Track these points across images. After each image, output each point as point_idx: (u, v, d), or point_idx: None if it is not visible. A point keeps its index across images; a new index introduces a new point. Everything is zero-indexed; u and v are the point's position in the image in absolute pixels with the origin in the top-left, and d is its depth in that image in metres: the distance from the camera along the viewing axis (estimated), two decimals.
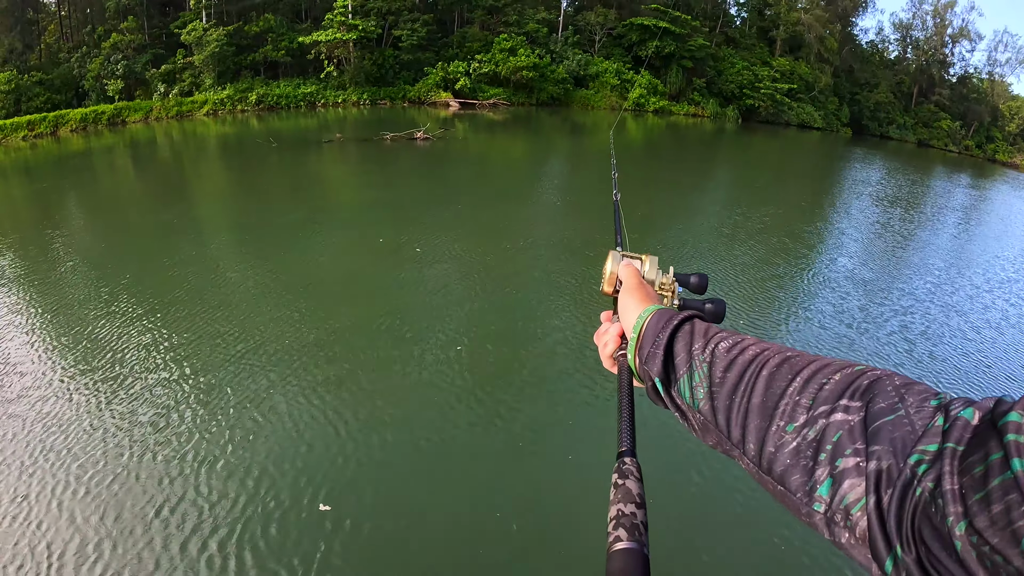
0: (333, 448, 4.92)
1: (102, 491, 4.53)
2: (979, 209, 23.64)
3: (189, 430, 5.21)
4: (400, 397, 5.64)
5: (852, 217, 16.68)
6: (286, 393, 5.66)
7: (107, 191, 16.97)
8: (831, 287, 9.76)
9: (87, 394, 5.77)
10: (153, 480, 4.65)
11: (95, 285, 8.58)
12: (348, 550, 4.03)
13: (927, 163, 40.21)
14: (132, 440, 5.06)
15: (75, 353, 6.62)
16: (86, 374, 6.13)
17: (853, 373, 0.55)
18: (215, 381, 5.89)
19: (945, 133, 61.62)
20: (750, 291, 9.34)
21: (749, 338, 0.70)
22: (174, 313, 7.33)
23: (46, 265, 9.49)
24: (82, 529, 4.19)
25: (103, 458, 4.92)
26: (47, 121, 35.25)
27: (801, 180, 24.41)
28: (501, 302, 7.89)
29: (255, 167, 20.38)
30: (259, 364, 6.22)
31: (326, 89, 36.39)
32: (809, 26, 51.64)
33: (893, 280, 10.60)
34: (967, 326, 8.84)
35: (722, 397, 0.64)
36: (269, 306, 7.61)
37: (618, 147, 30.04)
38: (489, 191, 16.18)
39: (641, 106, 41.81)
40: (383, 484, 4.60)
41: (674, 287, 0.99)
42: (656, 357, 0.74)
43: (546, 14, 41.04)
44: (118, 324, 7.01)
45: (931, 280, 10.91)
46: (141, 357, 6.32)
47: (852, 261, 11.53)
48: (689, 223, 13.29)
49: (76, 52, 40.23)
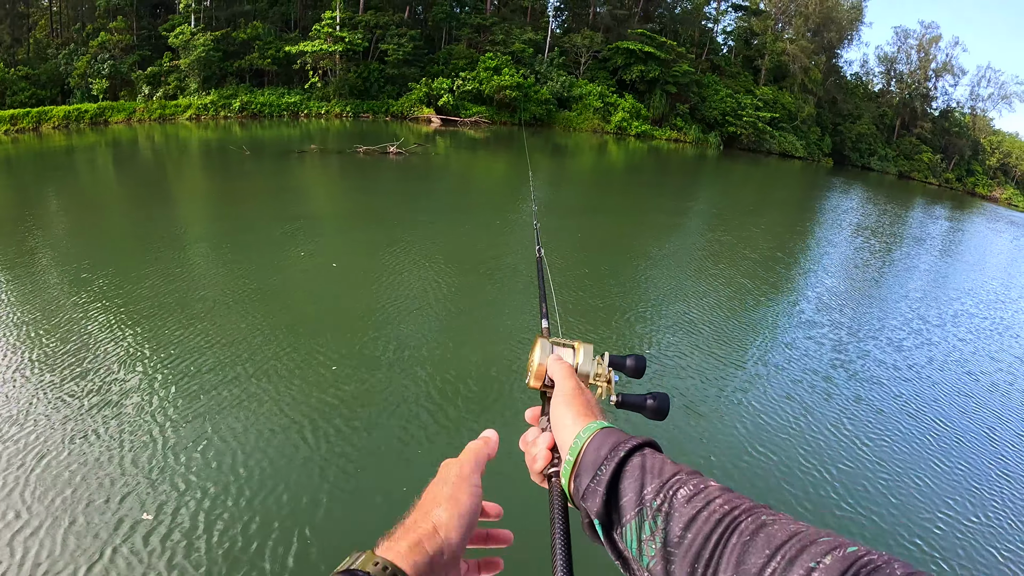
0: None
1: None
2: (952, 240, 24.26)
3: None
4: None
5: (821, 249, 16.90)
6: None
7: (63, 191, 17.06)
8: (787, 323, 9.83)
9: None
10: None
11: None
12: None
13: (906, 195, 41.04)
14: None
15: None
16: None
17: (846, 558, 0.47)
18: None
19: (926, 165, 62.89)
20: (720, 321, 9.44)
21: (712, 484, 0.61)
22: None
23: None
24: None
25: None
26: (30, 116, 35.23)
27: (779, 208, 24.89)
28: (415, 328, 7.98)
29: (220, 174, 20.60)
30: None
31: (310, 100, 36.65)
32: (794, 56, 52.66)
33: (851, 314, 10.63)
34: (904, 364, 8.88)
35: (680, 562, 0.55)
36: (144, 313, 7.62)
37: (599, 170, 30.39)
38: (447, 208, 16.38)
39: (623, 129, 42.39)
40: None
41: (610, 376, 0.90)
42: (596, 494, 0.64)
43: (533, 35, 41.63)
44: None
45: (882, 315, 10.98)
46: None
47: (812, 299, 11.48)
48: (658, 257, 13.38)
49: (64, 49, 40.25)
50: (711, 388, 7.15)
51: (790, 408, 7.06)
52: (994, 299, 14.22)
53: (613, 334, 8.40)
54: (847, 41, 59.06)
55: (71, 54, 39.34)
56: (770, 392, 7.36)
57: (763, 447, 6.11)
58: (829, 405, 7.22)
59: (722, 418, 6.61)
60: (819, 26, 54.23)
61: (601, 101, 42.23)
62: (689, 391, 7.04)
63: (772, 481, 5.58)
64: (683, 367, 7.69)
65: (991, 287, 15.67)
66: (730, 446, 6.11)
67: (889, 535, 5.02)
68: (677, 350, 8.19)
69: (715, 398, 6.98)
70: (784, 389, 7.57)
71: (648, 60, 42.42)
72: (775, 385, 7.61)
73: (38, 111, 35.49)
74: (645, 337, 8.54)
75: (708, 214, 21.16)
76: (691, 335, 8.56)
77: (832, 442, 6.29)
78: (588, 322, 8.60)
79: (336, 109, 36.63)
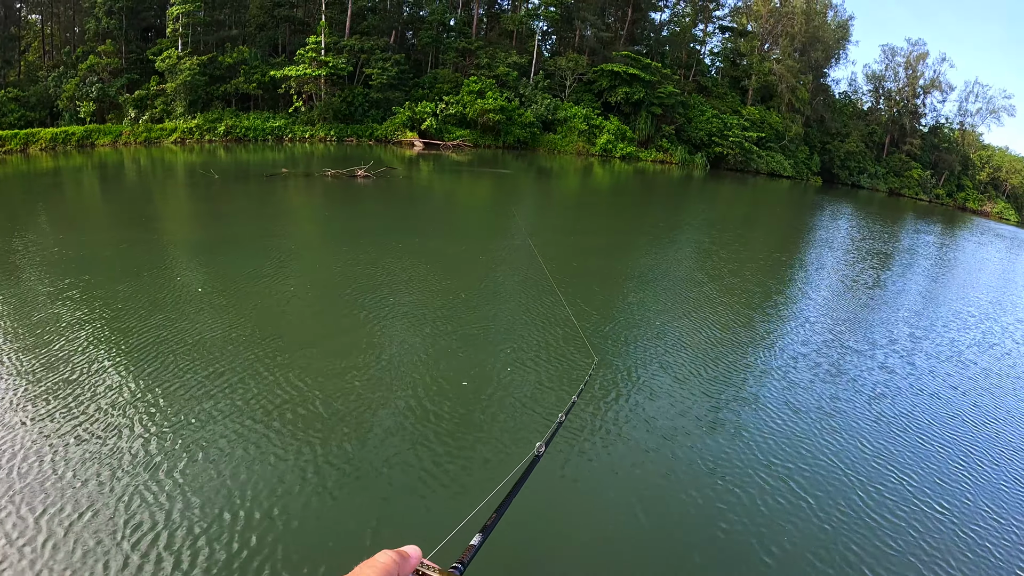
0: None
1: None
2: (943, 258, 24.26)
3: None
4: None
5: (808, 271, 16.77)
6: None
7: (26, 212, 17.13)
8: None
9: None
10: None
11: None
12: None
13: (896, 212, 41.01)
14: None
15: None
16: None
17: None
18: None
19: (916, 182, 63.14)
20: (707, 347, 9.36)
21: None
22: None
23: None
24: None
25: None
26: (18, 138, 35.53)
27: (765, 227, 24.80)
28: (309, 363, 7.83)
29: (182, 197, 20.96)
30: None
31: (295, 124, 36.89)
32: (781, 76, 53.06)
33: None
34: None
35: None
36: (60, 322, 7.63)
37: (586, 191, 30.34)
38: (400, 232, 16.28)
39: (608, 152, 42.59)
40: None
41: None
42: None
43: (518, 58, 41.94)
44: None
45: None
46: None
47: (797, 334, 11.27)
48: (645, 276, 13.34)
49: (54, 71, 40.61)
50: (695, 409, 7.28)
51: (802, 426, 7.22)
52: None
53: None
54: (834, 60, 59.57)
55: (60, 76, 39.70)
56: (779, 412, 7.53)
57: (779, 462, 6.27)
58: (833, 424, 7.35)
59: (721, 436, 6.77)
60: (805, 45, 54.67)
61: (586, 123, 42.48)
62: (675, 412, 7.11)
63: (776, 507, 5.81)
64: (670, 390, 7.85)
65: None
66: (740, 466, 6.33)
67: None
68: (671, 373, 8.31)
69: (703, 419, 7.10)
70: (787, 407, 7.78)
71: (633, 82, 42.72)
72: (774, 406, 7.79)
73: (26, 133, 35.81)
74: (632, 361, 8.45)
75: (696, 234, 21.22)
76: (680, 362, 8.46)
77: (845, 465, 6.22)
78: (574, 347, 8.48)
79: (320, 133, 36.85)
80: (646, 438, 6.75)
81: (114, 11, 38.69)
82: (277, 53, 40.84)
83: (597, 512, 5.53)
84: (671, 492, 5.84)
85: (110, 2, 38.33)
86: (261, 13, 41.17)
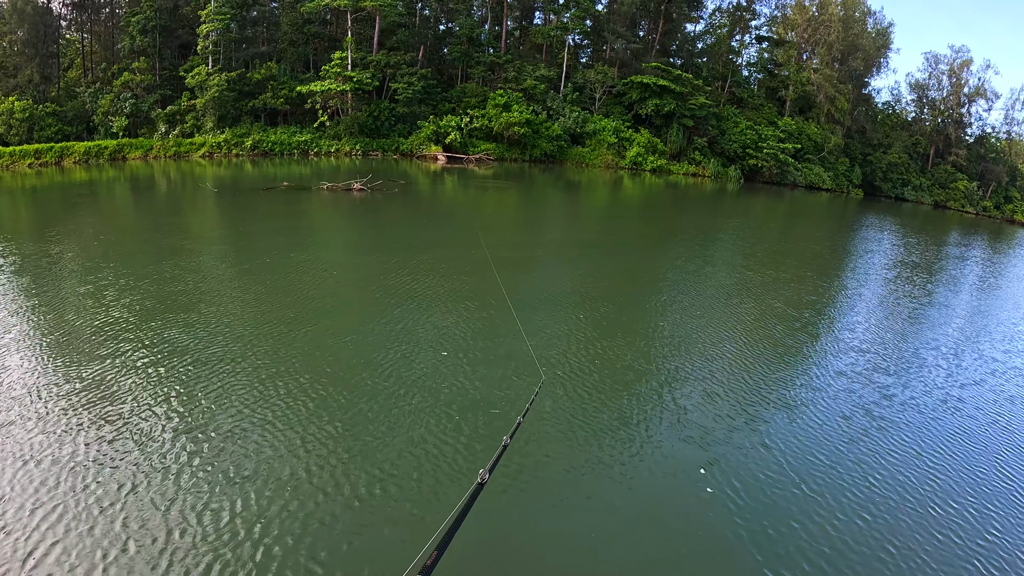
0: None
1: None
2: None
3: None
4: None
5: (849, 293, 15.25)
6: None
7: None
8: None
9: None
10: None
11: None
12: None
13: (942, 225, 38.44)
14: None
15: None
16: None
17: None
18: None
19: (962, 194, 59.96)
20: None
21: None
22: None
23: None
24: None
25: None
26: (53, 151, 36.39)
27: (801, 245, 23.09)
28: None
29: (173, 210, 21.19)
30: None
31: (321, 138, 36.71)
32: (819, 86, 51.04)
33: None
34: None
35: None
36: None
37: (612, 204, 29.04)
38: (350, 248, 15.57)
39: (639, 164, 41.27)
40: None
41: None
42: None
43: (546, 71, 41.13)
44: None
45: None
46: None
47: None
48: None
49: (91, 87, 41.52)
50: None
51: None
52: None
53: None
54: (875, 69, 57.10)
55: (96, 92, 40.54)
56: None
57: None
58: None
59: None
60: (844, 54, 52.54)
61: (616, 136, 41.30)
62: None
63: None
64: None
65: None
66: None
67: None
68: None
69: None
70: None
71: (663, 93, 41.44)
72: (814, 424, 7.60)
73: (61, 146, 36.67)
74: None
75: (730, 252, 19.89)
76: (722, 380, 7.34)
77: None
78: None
79: (346, 147, 36.58)
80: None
81: (148, 29, 39.37)
82: (307, 69, 40.93)
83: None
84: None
85: (144, 20, 39.00)
86: (292, 30, 41.43)
